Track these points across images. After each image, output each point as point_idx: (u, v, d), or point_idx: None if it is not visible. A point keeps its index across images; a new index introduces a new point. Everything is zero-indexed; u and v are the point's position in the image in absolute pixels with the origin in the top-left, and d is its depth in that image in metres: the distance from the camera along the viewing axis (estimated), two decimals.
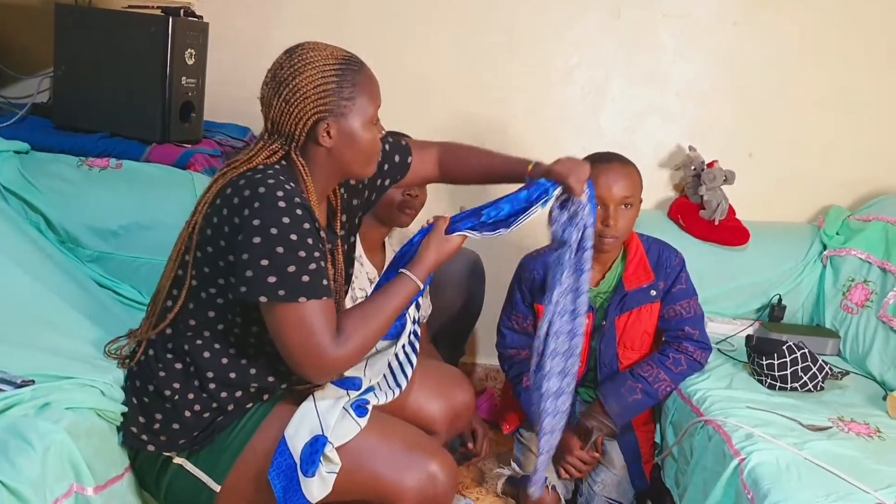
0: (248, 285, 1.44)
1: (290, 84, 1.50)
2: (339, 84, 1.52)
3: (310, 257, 1.45)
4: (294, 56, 1.53)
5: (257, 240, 1.42)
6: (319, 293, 1.46)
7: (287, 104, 1.51)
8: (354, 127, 1.55)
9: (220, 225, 1.49)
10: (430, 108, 2.86)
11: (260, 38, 2.83)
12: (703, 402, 2.04)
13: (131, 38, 2.36)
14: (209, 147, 2.54)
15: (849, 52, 2.80)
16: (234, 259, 1.47)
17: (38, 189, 2.21)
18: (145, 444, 1.60)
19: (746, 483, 1.68)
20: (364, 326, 1.53)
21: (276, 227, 1.42)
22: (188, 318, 1.59)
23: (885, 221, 2.61)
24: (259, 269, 1.43)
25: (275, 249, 1.42)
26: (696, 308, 2.24)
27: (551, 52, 2.87)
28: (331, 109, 1.52)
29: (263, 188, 1.45)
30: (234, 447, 1.60)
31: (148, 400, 1.60)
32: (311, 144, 1.55)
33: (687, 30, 2.83)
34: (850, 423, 1.94)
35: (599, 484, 2.16)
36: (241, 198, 1.46)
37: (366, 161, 1.61)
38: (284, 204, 1.44)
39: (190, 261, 1.56)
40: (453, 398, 1.94)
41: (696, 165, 2.76)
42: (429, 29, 2.86)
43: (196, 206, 1.56)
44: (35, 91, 2.66)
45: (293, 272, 1.43)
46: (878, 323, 2.41)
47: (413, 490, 1.58)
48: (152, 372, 1.60)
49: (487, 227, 1.71)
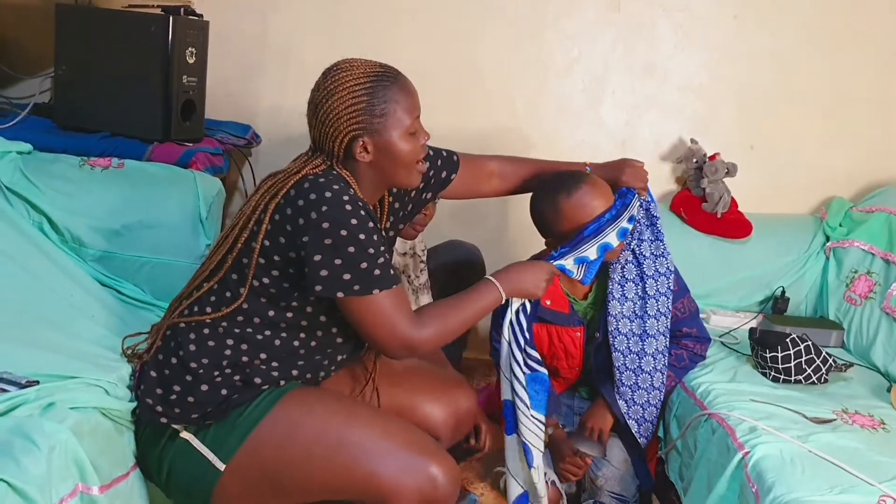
0: (323, 284, 1.54)
1: (325, 106, 1.58)
2: (370, 102, 1.59)
3: (378, 253, 1.56)
4: (328, 78, 1.60)
5: (328, 241, 1.52)
6: (390, 283, 1.58)
7: (323, 125, 1.59)
8: (392, 140, 1.62)
9: (281, 222, 1.56)
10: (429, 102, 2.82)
11: (259, 35, 2.84)
12: (706, 396, 2.04)
13: (132, 37, 2.37)
14: (211, 145, 2.54)
15: (849, 44, 2.80)
16: (299, 257, 1.56)
17: (40, 189, 2.21)
18: (158, 416, 1.61)
19: (751, 476, 1.68)
20: (440, 319, 1.66)
21: (346, 229, 1.52)
22: (240, 304, 1.62)
23: (888, 212, 2.60)
24: (334, 267, 1.53)
25: (347, 249, 1.52)
26: (690, 306, 2.23)
27: (551, 45, 2.87)
28: (364, 127, 1.59)
29: (330, 193, 1.53)
30: (242, 428, 1.61)
31: (169, 372, 1.62)
32: (350, 160, 1.63)
33: (687, 23, 2.83)
34: (854, 416, 1.94)
35: (602, 479, 2.16)
36: (307, 200, 1.53)
37: (408, 171, 1.68)
38: (351, 207, 1.54)
39: (255, 252, 1.59)
40: (456, 404, 1.94)
41: (697, 158, 2.75)
42: (427, 22, 2.86)
43: (250, 210, 1.61)
44: (36, 91, 2.67)
45: (365, 268, 1.54)
46: (881, 314, 2.41)
47: (412, 491, 1.57)
48: (179, 346, 1.63)
49: (584, 244, 1.90)
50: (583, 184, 1.96)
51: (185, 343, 1.62)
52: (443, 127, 2.89)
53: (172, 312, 1.70)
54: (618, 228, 1.93)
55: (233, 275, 1.63)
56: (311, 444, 1.60)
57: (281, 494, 1.64)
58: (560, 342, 2.20)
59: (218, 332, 1.63)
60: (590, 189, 1.96)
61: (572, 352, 2.21)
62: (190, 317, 1.65)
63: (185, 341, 1.63)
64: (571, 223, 1.95)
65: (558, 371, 2.26)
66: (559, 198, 1.96)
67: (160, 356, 1.65)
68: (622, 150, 2.90)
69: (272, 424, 1.61)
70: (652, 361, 2.11)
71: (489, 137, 2.91)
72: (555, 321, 2.16)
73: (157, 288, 2.22)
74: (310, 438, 1.61)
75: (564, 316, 2.16)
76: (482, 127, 2.90)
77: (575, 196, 1.95)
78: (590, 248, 1.90)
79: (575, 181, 1.97)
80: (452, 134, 2.89)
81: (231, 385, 1.62)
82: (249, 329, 1.63)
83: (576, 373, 2.26)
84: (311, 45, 2.84)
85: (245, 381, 1.63)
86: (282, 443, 1.60)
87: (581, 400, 2.31)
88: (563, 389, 2.34)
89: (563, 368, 2.25)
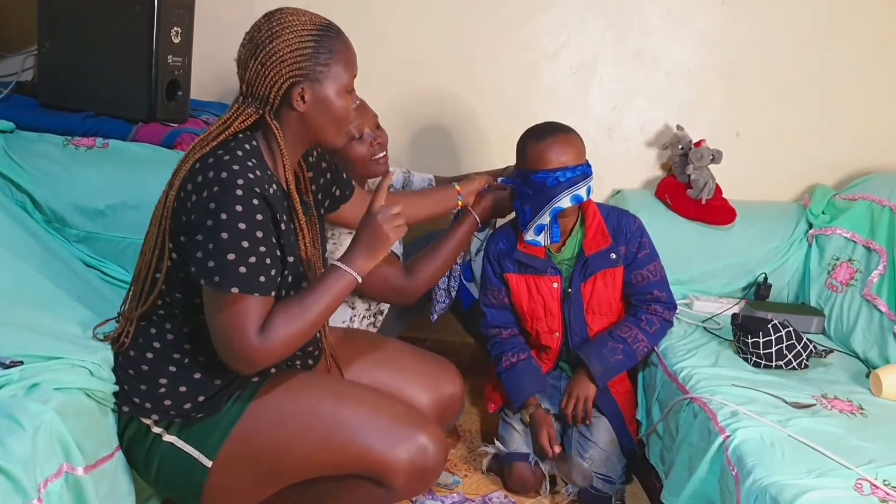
0: (196, 266, 1.47)
1: (268, 47, 1.53)
2: (316, 49, 1.55)
3: (252, 249, 1.46)
4: (273, 19, 1.55)
5: (209, 223, 1.44)
6: (252, 288, 1.46)
7: (263, 67, 1.53)
8: (329, 93, 1.58)
9: (184, 199, 1.51)
10: (416, 87, 2.85)
11: (246, 16, 2.73)
12: (689, 380, 2.06)
13: (117, 15, 2.34)
14: (196, 126, 2.52)
15: (836, 33, 2.81)
16: (189, 237, 1.49)
17: (23, 169, 2.20)
18: (149, 413, 1.60)
19: (731, 460, 1.70)
20: (289, 324, 1.51)
21: (227, 213, 1.44)
22: (177, 290, 1.59)
23: (871, 200, 2.62)
24: (206, 251, 1.45)
25: (220, 234, 1.44)
26: (660, 271, 2.31)
27: (539, 30, 2.86)
28: (306, 74, 1.55)
29: (226, 173, 1.46)
30: (226, 422, 1.61)
31: (147, 368, 1.61)
32: (284, 108, 1.58)
33: (675, 9, 2.83)
34: (833, 401, 1.97)
35: (588, 460, 2.19)
36: (206, 178, 1.47)
37: (337, 129, 1.63)
38: (242, 192, 1.45)
39: (166, 233, 1.55)
40: (442, 390, 1.96)
41: (683, 145, 2.76)
42: (416, 7, 2.85)
43: (171, 180, 1.56)
44: (19, 69, 2.64)
45: (232, 260, 1.44)
46: (862, 301, 2.44)
47: (405, 462, 1.61)
48: (156, 337, 1.61)
49: (535, 202, 2.15)
50: (552, 137, 2.12)
51: (161, 334, 1.61)
52: (428, 110, 2.91)
53: (134, 300, 1.65)
54: (571, 194, 2.10)
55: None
56: (304, 427, 1.61)
57: (274, 479, 1.65)
58: (539, 294, 2.27)
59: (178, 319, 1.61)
60: (556, 144, 2.11)
61: (551, 306, 2.27)
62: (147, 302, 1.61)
63: (161, 332, 1.61)
64: (529, 164, 2.13)
65: (540, 336, 2.30)
66: (529, 139, 2.15)
67: (132, 352, 1.63)
68: (608, 136, 2.91)
69: (257, 413, 1.62)
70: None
71: (476, 123, 2.91)
72: (531, 264, 2.24)
73: None
74: (301, 422, 1.62)
75: (540, 261, 2.25)
76: (471, 112, 2.90)
77: (541, 144, 2.12)
78: (542, 215, 2.13)
79: (549, 131, 2.14)
80: (439, 117, 2.91)
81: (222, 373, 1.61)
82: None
83: (557, 341, 2.30)
84: None
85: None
86: (271, 429, 1.61)
87: (567, 380, 2.35)
88: (550, 368, 2.37)
89: (544, 331, 2.30)
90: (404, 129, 2.87)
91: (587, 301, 2.26)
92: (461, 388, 2.01)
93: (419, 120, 2.90)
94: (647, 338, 2.25)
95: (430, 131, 2.92)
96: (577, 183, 2.10)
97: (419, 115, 2.89)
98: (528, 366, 2.30)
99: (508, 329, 2.35)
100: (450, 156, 2.94)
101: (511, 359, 2.30)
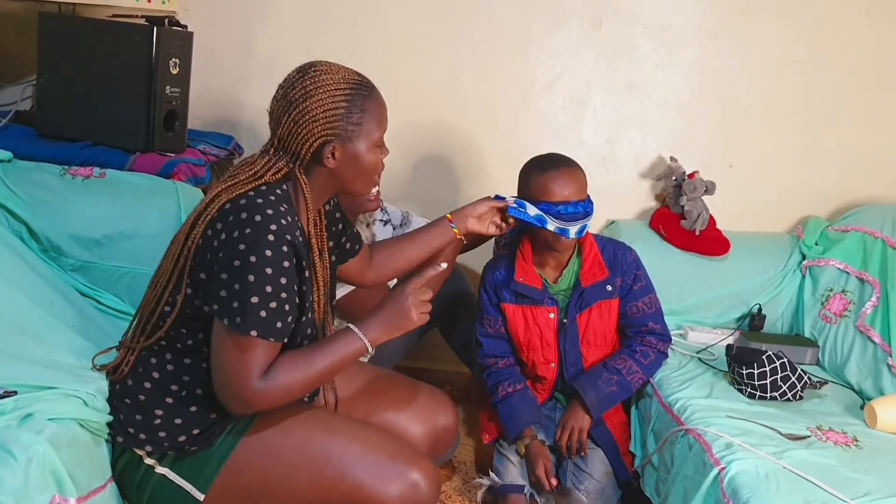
0: (218, 304, 1.48)
1: (301, 106, 1.54)
2: (349, 109, 1.56)
3: (274, 295, 1.48)
4: (306, 77, 1.57)
5: (237, 263, 1.46)
6: (269, 333, 1.48)
7: (296, 125, 1.55)
8: (359, 150, 1.60)
9: (212, 237, 1.52)
10: (411, 118, 2.87)
11: (243, 47, 2.84)
12: (683, 412, 2.06)
13: (115, 47, 2.36)
14: (193, 156, 2.53)
15: (827, 65, 2.84)
16: (212, 274, 1.50)
17: (20, 198, 2.19)
18: (143, 444, 1.59)
19: (726, 492, 1.70)
20: (292, 374, 1.52)
21: (256, 256, 1.46)
22: (182, 325, 1.60)
23: (863, 232, 2.64)
24: (230, 291, 1.47)
25: (247, 276, 1.45)
26: (656, 303, 2.31)
27: (533, 62, 2.89)
28: (338, 133, 1.56)
29: (260, 216, 1.48)
30: (218, 455, 1.61)
31: (144, 398, 1.61)
32: (314, 164, 1.59)
33: (667, 42, 2.86)
34: (828, 432, 1.97)
35: (583, 492, 2.18)
36: (238, 219, 1.48)
37: (366, 181, 1.66)
38: (273, 238, 1.47)
39: (184, 270, 1.56)
40: (436, 422, 1.95)
41: (677, 176, 2.78)
42: (410, 38, 2.88)
43: (192, 220, 1.57)
44: (18, 99, 2.65)
45: (255, 304, 1.46)
46: (855, 332, 2.44)
47: (396, 499, 1.59)
48: (155, 367, 1.61)
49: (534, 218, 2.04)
50: (556, 170, 2.11)
51: (160, 365, 1.61)
52: (426, 142, 2.93)
53: (138, 330, 1.66)
54: (567, 228, 2.06)
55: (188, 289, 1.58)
56: (295, 462, 1.61)
57: None
58: (535, 324, 2.26)
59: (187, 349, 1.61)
60: (559, 177, 2.09)
61: (547, 337, 2.26)
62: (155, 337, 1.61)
63: (161, 363, 1.61)
64: (532, 194, 2.11)
65: (536, 366, 2.30)
66: (533, 170, 2.15)
67: (130, 381, 1.63)
68: (603, 167, 2.93)
69: (249, 447, 1.61)
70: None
71: (470, 153, 2.93)
72: (528, 294, 2.24)
73: (137, 298, 2.13)
74: (293, 457, 1.61)
75: (537, 291, 2.24)
76: (465, 142, 2.92)
77: (545, 175, 2.10)
78: (533, 213, 2.04)
79: (554, 163, 2.13)
80: (433, 148, 2.93)
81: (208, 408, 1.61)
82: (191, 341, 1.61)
83: (553, 371, 2.29)
84: (295, 57, 2.82)
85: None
86: (263, 463, 1.61)
87: (562, 410, 2.34)
88: (545, 399, 2.37)
89: (540, 362, 2.30)
90: (399, 161, 2.88)
91: (582, 332, 2.26)
92: (455, 420, 2.00)
93: (414, 151, 2.91)
94: (641, 369, 2.25)
95: (424, 163, 2.93)
96: (578, 220, 2.07)
97: (413, 147, 2.91)
98: (524, 396, 2.29)
99: (505, 359, 2.35)
100: (444, 188, 2.95)
101: (507, 388, 2.29)
